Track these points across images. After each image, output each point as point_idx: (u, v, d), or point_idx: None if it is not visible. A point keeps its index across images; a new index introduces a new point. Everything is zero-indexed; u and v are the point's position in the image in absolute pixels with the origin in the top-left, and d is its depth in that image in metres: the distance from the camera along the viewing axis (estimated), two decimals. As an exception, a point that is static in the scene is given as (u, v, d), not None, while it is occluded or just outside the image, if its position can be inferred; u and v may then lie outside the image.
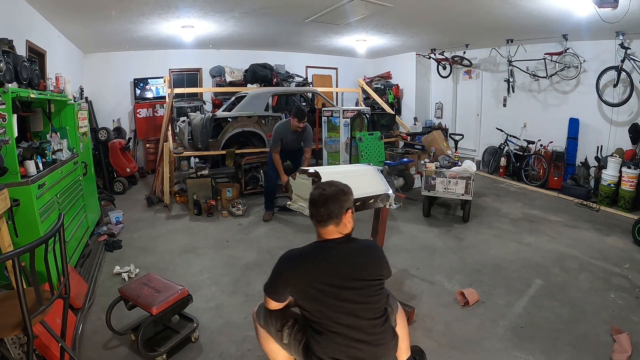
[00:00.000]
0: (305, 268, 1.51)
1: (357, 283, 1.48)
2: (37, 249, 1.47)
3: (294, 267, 1.53)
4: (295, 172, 2.11)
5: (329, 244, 1.54)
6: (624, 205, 4.82)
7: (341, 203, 1.53)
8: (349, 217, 1.55)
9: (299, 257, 1.55)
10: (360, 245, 1.57)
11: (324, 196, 1.53)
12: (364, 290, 1.48)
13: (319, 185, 1.63)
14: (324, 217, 1.51)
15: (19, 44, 3.44)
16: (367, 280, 1.49)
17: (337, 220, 1.52)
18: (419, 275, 3.18)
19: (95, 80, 6.83)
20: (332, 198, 1.52)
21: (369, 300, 1.49)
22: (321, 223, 1.53)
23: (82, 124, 4.03)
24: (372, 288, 1.50)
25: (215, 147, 5.66)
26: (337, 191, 1.54)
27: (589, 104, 5.73)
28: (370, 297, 1.50)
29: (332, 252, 1.52)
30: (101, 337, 2.35)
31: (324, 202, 1.51)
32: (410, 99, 8.57)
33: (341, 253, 1.52)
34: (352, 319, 1.46)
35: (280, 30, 5.95)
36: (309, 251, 1.56)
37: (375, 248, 1.64)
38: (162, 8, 4.39)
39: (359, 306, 1.47)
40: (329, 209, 1.50)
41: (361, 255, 1.55)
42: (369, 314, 1.49)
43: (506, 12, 4.51)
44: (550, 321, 2.50)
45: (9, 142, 2.34)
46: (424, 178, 4.39)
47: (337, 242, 1.54)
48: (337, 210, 1.51)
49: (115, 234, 4.06)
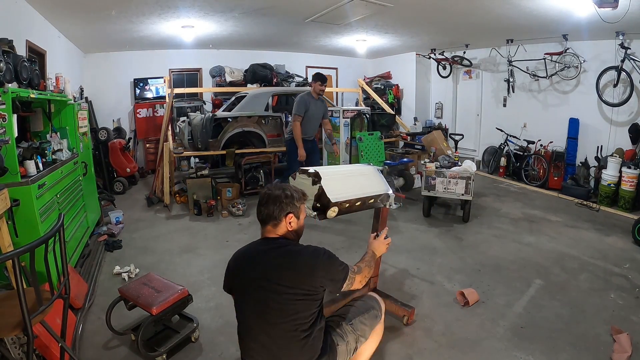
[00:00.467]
0: (234, 262, 1.62)
1: (270, 285, 1.45)
2: (37, 249, 1.47)
3: (232, 260, 1.63)
4: (296, 172, 2.11)
5: (260, 242, 1.60)
6: (624, 205, 4.82)
7: (282, 206, 1.56)
8: (289, 219, 1.57)
9: (238, 252, 1.65)
10: (288, 250, 1.51)
11: (267, 196, 1.59)
12: (277, 295, 1.44)
13: (269, 186, 1.67)
14: (263, 216, 1.59)
15: (19, 44, 3.44)
16: (282, 286, 1.44)
17: (274, 221, 1.57)
18: (419, 275, 3.18)
19: (95, 80, 6.83)
20: (273, 199, 1.56)
21: (284, 309, 1.44)
22: (260, 222, 1.61)
23: (82, 124, 4.03)
24: (289, 296, 1.44)
25: (215, 147, 5.66)
26: (280, 194, 1.57)
27: (589, 104, 5.73)
28: (286, 305, 1.44)
29: (258, 248, 1.57)
30: (101, 337, 2.35)
31: (265, 202, 1.58)
32: (410, 99, 8.57)
33: (264, 251, 1.54)
34: (259, 320, 1.46)
35: (280, 30, 5.95)
36: (245, 247, 1.65)
37: (308, 257, 1.50)
38: (162, 8, 4.39)
39: (269, 310, 1.44)
40: (268, 209, 1.56)
41: (284, 258, 1.49)
42: (280, 321, 1.44)
43: (506, 12, 4.51)
44: (550, 321, 2.50)
45: (9, 142, 2.34)
46: (424, 178, 4.39)
47: (268, 241, 1.57)
48: (276, 212, 1.56)
49: (115, 234, 4.06)
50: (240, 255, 1.62)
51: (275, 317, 1.44)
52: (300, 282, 1.45)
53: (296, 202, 1.59)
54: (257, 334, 1.48)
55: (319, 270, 1.48)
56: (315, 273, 1.47)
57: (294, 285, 1.44)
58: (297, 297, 1.44)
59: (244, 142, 5.90)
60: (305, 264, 1.48)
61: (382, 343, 2.28)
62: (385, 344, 2.29)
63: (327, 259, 1.53)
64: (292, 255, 1.50)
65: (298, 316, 1.45)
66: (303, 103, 4.38)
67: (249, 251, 1.61)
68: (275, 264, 1.48)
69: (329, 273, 1.51)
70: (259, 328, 1.47)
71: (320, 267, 1.49)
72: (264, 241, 1.59)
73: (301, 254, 1.51)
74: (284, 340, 1.45)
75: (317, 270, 1.48)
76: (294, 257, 1.49)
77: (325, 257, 1.52)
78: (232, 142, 5.78)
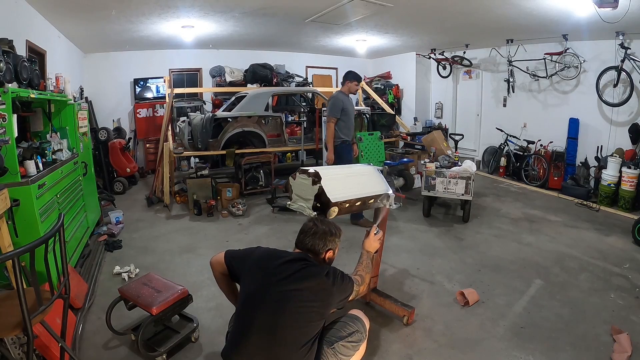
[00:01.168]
0: (260, 257, 1.65)
1: (293, 292, 1.49)
2: (37, 249, 1.47)
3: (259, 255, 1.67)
4: (296, 172, 2.11)
5: (294, 254, 1.65)
6: (624, 205, 4.82)
7: (326, 243, 1.67)
8: (328, 255, 1.69)
9: (267, 250, 1.71)
10: (313, 270, 1.56)
11: (314, 229, 1.67)
12: (299, 301, 1.49)
13: (314, 220, 1.74)
14: (306, 246, 1.67)
15: (19, 44, 3.44)
16: (303, 296, 1.49)
17: (315, 255, 1.66)
18: (419, 275, 3.18)
19: (95, 80, 6.83)
20: (320, 235, 1.66)
21: (302, 312, 1.48)
22: (298, 248, 1.69)
23: (82, 124, 4.03)
24: (309, 304, 1.50)
25: (215, 147, 5.66)
26: (327, 231, 1.67)
27: (589, 104, 5.73)
28: (303, 310, 1.49)
29: (288, 256, 1.61)
30: (101, 337, 2.35)
31: (312, 235, 1.66)
32: (410, 99, 8.57)
33: (292, 263, 1.57)
34: (270, 318, 1.47)
35: (280, 30, 5.95)
36: (276, 250, 1.69)
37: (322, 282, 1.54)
38: (162, 8, 4.39)
39: (285, 311, 1.47)
40: (313, 243, 1.65)
41: (309, 278, 1.54)
42: (293, 324, 1.48)
43: (506, 12, 4.51)
44: (550, 321, 2.50)
45: (9, 142, 2.34)
46: (424, 178, 4.39)
47: (301, 255, 1.63)
48: (320, 247, 1.66)
49: (115, 234, 4.06)
50: (269, 254, 1.66)
51: (289, 320, 1.47)
52: (317, 301, 1.53)
53: (337, 240, 1.70)
54: (260, 331, 1.47)
55: (335, 297, 1.58)
56: (331, 300, 1.57)
57: (314, 300, 1.52)
58: (314, 309, 1.52)
59: (244, 142, 5.89)
60: (324, 291, 1.55)
61: (382, 343, 2.29)
62: (385, 344, 2.29)
63: (341, 284, 1.60)
64: (315, 277, 1.55)
65: (310, 325, 1.51)
66: (339, 103, 4.06)
67: (279, 254, 1.65)
68: (299, 277, 1.53)
69: (340, 296, 1.61)
70: (265, 325, 1.47)
71: (337, 296, 1.59)
72: (295, 254, 1.66)
73: (322, 279, 1.55)
74: (286, 345, 1.46)
75: (334, 297, 1.57)
76: (316, 280, 1.55)
77: (339, 282, 1.59)
78: (232, 142, 5.77)
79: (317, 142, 6.28)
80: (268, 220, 4.62)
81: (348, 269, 3.10)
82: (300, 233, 1.70)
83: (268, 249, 1.72)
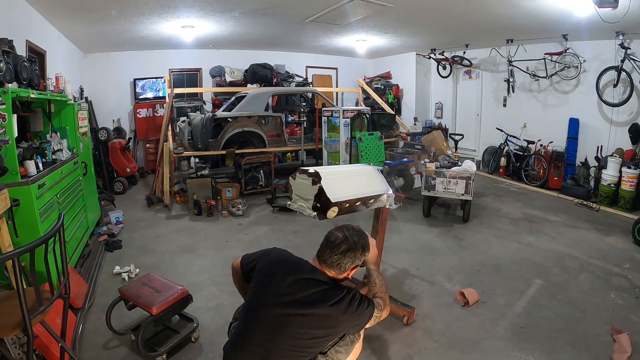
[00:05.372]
0: (272, 263, 1.53)
1: (302, 310, 1.40)
2: (37, 249, 1.47)
3: (272, 260, 1.55)
4: (296, 172, 2.11)
5: (309, 268, 1.50)
6: (624, 205, 4.82)
7: (354, 260, 1.49)
8: (352, 274, 1.53)
9: (283, 255, 1.57)
10: (326, 296, 1.42)
11: (344, 248, 1.46)
12: (305, 317, 1.40)
13: (345, 230, 1.52)
14: (332, 264, 1.47)
15: (19, 44, 3.44)
16: (313, 317, 1.40)
17: (339, 271, 1.49)
18: (419, 275, 3.18)
19: (95, 80, 6.83)
20: (351, 253, 1.47)
21: (307, 327, 1.40)
22: (323, 264, 1.49)
23: (82, 124, 4.03)
24: (316, 322, 1.41)
25: (215, 147, 5.66)
26: (357, 245, 1.48)
27: (589, 104, 5.73)
28: (309, 326, 1.40)
29: (304, 272, 1.47)
30: (101, 337, 2.35)
31: (341, 253, 1.46)
32: (410, 99, 8.57)
33: (303, 280, 1.44)
34: (275, 326, 1.41)
35: (280, 30, 5.95)
36: (291, 257, 1.56)
37: (340, 314, 1.42)
38: (162, 8, 4.39)
39: (290, 325, 1.40)
40: (340, 259, 1.47)
41: (321, 304, 1.41)
42: (296, 337, 1.41)
43: (506, 12, 4.51)
44: (550, 321, 2.50)
45: (9, 142, 2.34)
46: (424, 178, 4.39)
47: (314, 273, 1.48)
48: (347, 265, 1.49)
49: (115, 234, 4.06)
50: (285, 261, 1.53)
51: (287, 344, 1.40)
52: (321, 328, 1.43)
53: (366, 254, 1.53)
54: (257, 346, 1.42)
55: (344, 325, 1.46)
56: (339, 329, 1.47)
57: (318, 327, 1.42)
58: (316, 337, 1.43)
59: (244, 142, 5.90)
60: (332, 319, 1.42)
61: (382, 343, 2.29)
62: (385, 344, 2.29)
63: (356, 310, 1.44)
64: (325, 303, 1.41)
65: (309, 351, 1.44)
66: None
67: (295, 265, 1.51)
68: (309, 301, 1.41)
69: (353, 322, 1.47)
70: (262, 342, 1.41)
71: (348, 324, 1.46)
72: (311, 269, 1.49)
73: (333, 306, 1.41)
74: (286, 356, 1.41)
75: (343, 325, 1.46)
76: (324, 306, 1.41)
77: (354, 309, 1.44)
78: (232, 142, 5.78)
79: (317, 142, 6.28)
80: (268, 220, 4.62)
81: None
82: (327, 245, 1.48)
83: (284, 254, 1.58)
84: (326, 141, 5.97)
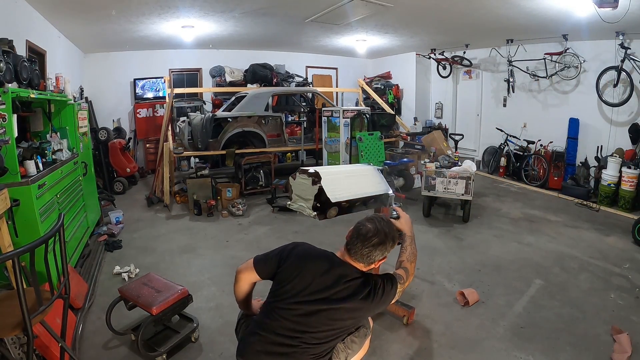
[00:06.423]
0: (300, 259, 1.51)
1: (333, 303, 1.43)
2: (37, 249, 1.47)
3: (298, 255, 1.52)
4: (296, 172, 2.11)
5: (338, 260, 1.51)
6: (624, 205, 4.82)
7: (384, 252, 1.49)
8: (379, 264, 1.55)
9: (309, 250, 1.56)
10: (358, 290, 1.45)
11: (376, 241, 1.45)
12: (335, 311, 1.43)
13: (376, 221, 1.51)
14: (362, 257, 1.47)
15: (19, 44, 3.44)
16: (342, 309, 1.44)
17: (367, 265, 1.50)
18: (419, 275, 3.17)
19: (95, 80, 6.83)
20: (381, 245, 1.46)
21: (336, 319, 1.45)
22: (353, 257, 1.49)
23: (82, 124, 4.03)
24: (345, 315, 1.45)
25: (215, 147, 5.66)
26: (388, 237, 1.48)
27: (589, 104, 5.73)
28: (338, 318, 1.45)
29: (334, 264, 1.49)
30: (101, 337, 2.35)
31: (373, 246, 1.45)
32: (410, 99, 8.57)
33: (334, 276, 1.46)
34: (300, 318, 1.43)
35: (280, 30, 5.95)
36: (318, 251, 1.56)
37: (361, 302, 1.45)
38: (162, 8, 4.39)
39: (318, 317, 1.43)
40: (371, 254, 1.46)
41: (347, 296, 1.44)
42: (324, 328, 1.45)
43: (506, 12, 4.51)
44: (550, 321, 2.50)
45: (9, 142, 2.34)
46: (424, 178, 4.39)
47: (344, 267, 1.48)
48: (377, 258, 1.49)
49: (115, 234, 4.06)
50: (312, 257, 1.52)
51: (323, 324, 1.43)
52: (350, 319, 1.50)
53: (395, 245, 1.54)
54: (281, 335, 1.43)
55: (371, 311, 1.53)
56: (366, 315, 1.55)
57: (347, 318, 1.48)
58: (344, 326, 1.49)
59: (244, 142, 5.90)
60: (361, 310, 1.48)
61: (382, 343, 2.29)
62: (385, 344, 2.29)
63: (381, 296, 1.48)
64: (355, 297, 1.44)
65: (336, 340, 1.50)
66: None
67: (324, 260, 1.50)
68: (339, 298, 1.43)
69: (380, 307, 1.55)
70: (295, 324, 1.43)
71: (375, 310, 1.53)
72: (340, 263, 1.50)
73: (363, 300, 1.45)
74: (306, 348, 1.44)
75: (370, 312, 1.53)
76: (352, 300, 1.44)
77: (379, 296, 1.47)
78: (232, 142, 5.78)
79: (317, 142, 6.28)
80: (268, 220, 4.62)
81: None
82: (358, 238, 1.47)
83: (311, 249, 1.56)
84: (326, 141, 5.97)
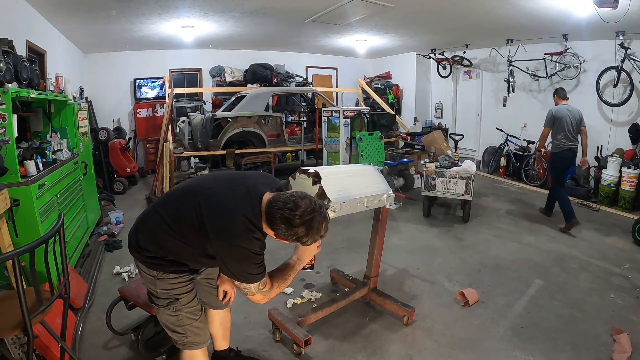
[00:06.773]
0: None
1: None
2: (37, 249, 1.46)
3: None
4: (296, 172, 2.11)
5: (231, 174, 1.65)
6: (624, 205, 4.82)
7: (286, 234, 1.40)
8: (278, 238, 1.44)
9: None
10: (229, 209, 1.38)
11: (295, 212, 1.33)
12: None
13: (312, 203, 1.38)
14: (272, 216, 1.38)
15: (19, 44, 3.44)
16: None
17: (271, 228, 1.41)
18: (419, 275, 3.18)
19: (95, 80, 6.82)
20: (288, 222, 1.35)
21: None
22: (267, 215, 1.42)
23: (82, 124, 4.03)
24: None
25: (215, 147, 5.67)
26: (295, 223, 1.35)
27: (589, 104, 5.72)
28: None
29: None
30: (101, 337, 2.35)
31: (282, 218, 1.36)
32: (410, 99, 8.57)
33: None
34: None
35: (280, 30, 5.95)
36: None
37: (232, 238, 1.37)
38: (162, 8, 4.39)
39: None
40: (278, 220, 1.37)
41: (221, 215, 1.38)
42: None
43: (506, 12, 4.51)
44: (550, 321, 2.50)
45: (9, 142, 2.34)
46: (424, 178, 4.39)
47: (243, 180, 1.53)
48: (280, 231, 1.39)
49: (115, 234, 4.06)
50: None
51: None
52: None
53: (293, 237, 1.38)
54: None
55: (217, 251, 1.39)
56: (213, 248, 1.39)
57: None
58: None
59: (244, 142, 5.90)
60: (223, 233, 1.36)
61: (382, 343, 2.29)
62: (385, 344, 2.29)
63: (243, 256, 1.37)
64: (226, 216, 1.37)
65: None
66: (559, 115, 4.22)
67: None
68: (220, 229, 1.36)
69: (228, 259, 1.40)
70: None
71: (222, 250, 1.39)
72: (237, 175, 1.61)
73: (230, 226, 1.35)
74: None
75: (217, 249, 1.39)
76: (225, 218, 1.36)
77: (244, 255, 1.36)
78: (232, 142, 5.78)
79: (317, 142, 6.28)
80: (268, 220, 4.61)
81: (348, 269, 3.10)
82: (286, 202, 1.34)
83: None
84: (326, 141, 5.97)
